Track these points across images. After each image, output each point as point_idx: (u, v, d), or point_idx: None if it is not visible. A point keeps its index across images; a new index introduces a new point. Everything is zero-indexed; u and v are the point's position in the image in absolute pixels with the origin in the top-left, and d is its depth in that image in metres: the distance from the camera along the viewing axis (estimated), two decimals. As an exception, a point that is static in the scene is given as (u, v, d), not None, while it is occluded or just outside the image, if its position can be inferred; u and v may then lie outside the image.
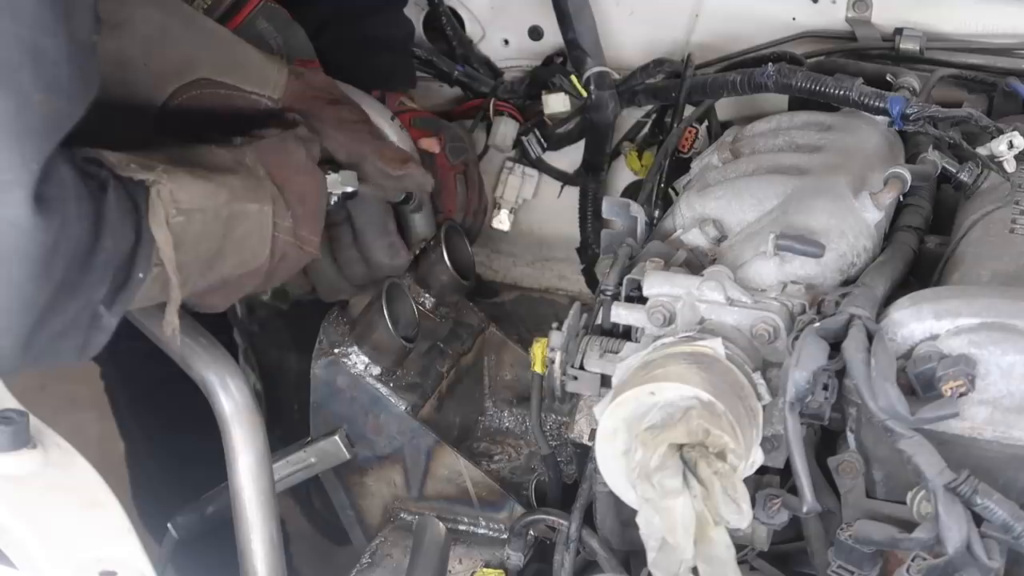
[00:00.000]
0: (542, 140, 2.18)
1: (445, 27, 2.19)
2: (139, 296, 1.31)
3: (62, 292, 1.20)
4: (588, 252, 2.21)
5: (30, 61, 1.12)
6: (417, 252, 1.91)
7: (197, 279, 1.42)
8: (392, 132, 1.88)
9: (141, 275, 1.28)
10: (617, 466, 1.31)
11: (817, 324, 1.31)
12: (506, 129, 2.19)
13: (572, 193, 2.23)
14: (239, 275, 1.49)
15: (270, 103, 1.64)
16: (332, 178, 1.61)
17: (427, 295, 1.93)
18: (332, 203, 1.61)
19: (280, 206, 1.49)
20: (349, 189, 1.61)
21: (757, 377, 1.34)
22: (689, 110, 2.00)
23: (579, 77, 2.07)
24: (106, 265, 1.24)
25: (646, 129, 2.13)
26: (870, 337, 1.28)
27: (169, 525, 1.89)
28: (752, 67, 1.87)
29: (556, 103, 2.13)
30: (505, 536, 1.77)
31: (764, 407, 1.33)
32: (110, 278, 1.25)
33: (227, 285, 1.49)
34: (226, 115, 1.63)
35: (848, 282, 1.45)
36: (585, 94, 2.06)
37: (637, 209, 1.63)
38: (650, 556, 1.30)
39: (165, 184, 1.31)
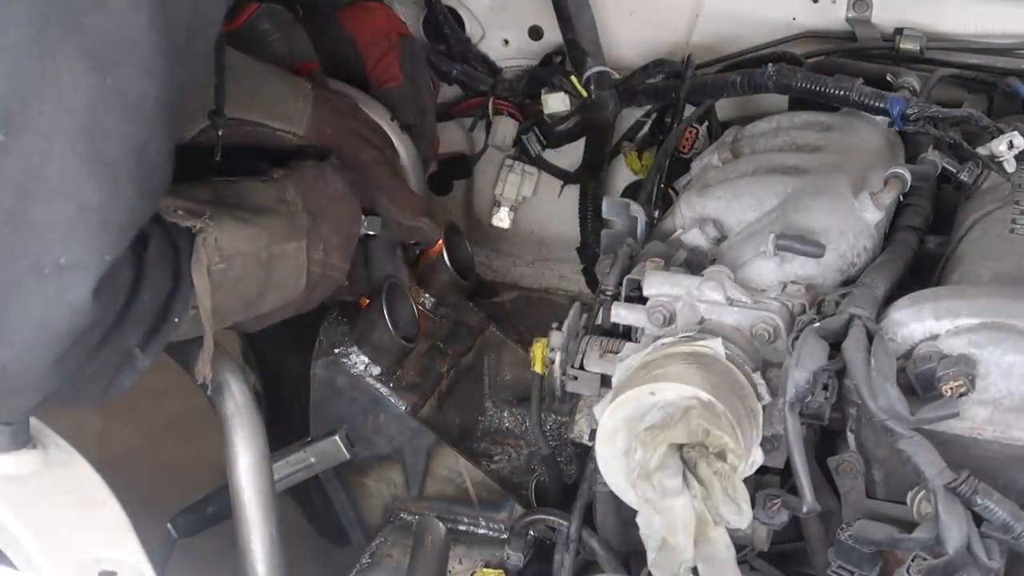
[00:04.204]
0: (541, 138, 2.18)
1: (443, 26, 2.19)
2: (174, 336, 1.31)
3: (95, 348, 1.19)
4: (588, 252, 2.21)
5: (134, 160, 1.11)
6: (418, 252, 1.92)
7: (238, 317, 1.44)
8: (392, 132, 1.89)
9: (177, 319, 1.28)
10: (617, 466, 1.31)
11: (817, 324, 1.31)
12: (505, 127, 2.19)
13: (572, 193, 2.23)
14: (276, 308, 1.53)
15: (295, 139, 1.65)
16: None
17: (427, 295, 1.94)
18: None
19: (314, 237, 1.52)
20: (371, 232, 1.70)
21: (757, 377, 1.34)
22: (689, 110, 2.00)
23: (579, 77, 2.07)
24: (143, 315, 1.24)
25: (646, 129, 2.13)
26: (870, 337, 1.28)
27: (169, 525, 1.89)
28: (752, 67, 1.87)
29: (556, 103, 2.13)
30: (505, 536, 1.77)
31: (764, 407, 1.33)
32: (146, 326, 1.25)
33: (263, 316, 1.53)
34: (253, 147, 1.63)
35: (848, 282, 1.45)
36: (585, 94, 2.06)
37: (637, 209, 1.63)
38: (650, 556, 1.30)
39: (211, 232, 1.32)
